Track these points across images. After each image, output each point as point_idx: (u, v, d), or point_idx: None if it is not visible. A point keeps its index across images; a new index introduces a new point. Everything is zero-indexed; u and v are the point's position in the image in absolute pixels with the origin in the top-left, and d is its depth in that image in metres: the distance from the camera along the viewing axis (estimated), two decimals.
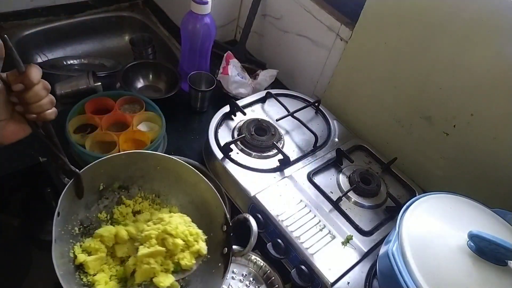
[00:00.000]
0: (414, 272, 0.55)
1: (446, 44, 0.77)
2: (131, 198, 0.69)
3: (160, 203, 0.72)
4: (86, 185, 0.60)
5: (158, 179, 0.70)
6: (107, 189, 0.66)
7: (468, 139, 0.80)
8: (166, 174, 0.69)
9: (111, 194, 0.67)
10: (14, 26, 1.16)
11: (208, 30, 0.99)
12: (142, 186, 0.70)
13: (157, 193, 0.71)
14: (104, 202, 0.67)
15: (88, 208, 0.64)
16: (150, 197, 0.71)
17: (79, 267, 0.60)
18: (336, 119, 1.03)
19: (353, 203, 0.83)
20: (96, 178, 0.63)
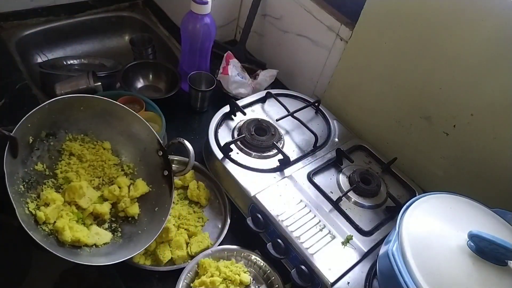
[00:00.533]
0: (414, 272, 0.55)
1: (446, 44, 0.77)
2: (60, 142, 0.72)
3: (89, 141, 0.76)
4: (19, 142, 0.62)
5: (83, 119, 0.73)
6: (36, 140, 0.68)
7: (468, 139, 0.80)
8: (91, 112, 0.73)
9: (40, 144, 0.69)
10: (14, 26, 1.16)
11: (208, 30, 0.99)
12: (68, 129, 0.73)
13: (84, 132, 0.75)
14: (36, 153, 0.69)
15: (25, 164, 0.66)
16: (78, 137, 0.74)
17: (37, 221, 0.63)
18: (336, 119, 1.03)
19: (353, 203, 0.83)
20: (24, 134, 0.64)
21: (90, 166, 0.75)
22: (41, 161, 0.69)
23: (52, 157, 0.71)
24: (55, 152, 0.72)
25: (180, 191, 0.85)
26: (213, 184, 0.88)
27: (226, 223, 0.81)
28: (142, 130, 0.75)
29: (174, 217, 0.78)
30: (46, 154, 0.70)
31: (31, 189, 0.66)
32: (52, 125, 0.70)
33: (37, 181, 0.67)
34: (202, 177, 0.89)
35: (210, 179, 0.89)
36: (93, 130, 0.75)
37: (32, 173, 0.67)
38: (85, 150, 0.75)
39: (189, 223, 0.78)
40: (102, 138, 0.76)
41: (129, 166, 0.78)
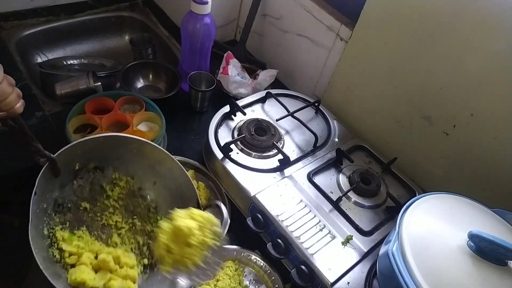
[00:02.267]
0: (414, 272, 0.55)
1: (446, 44, 0.77)
2: (105, 177, 0.70)
3: (133, 185, 0.73)
4: (62, 165, 0.61)
5: (134, 162, 0.71)
6: (82, 169, 0.67)
7: (468, 139, 0.80)
8: (141, 157, 0.70)
9: (85, 174, 0.68)
10: (14, 26, 1.16)
11: (208, 30, 0.99)
12: (117, 168, 0.71)
13: (131, 175, 0.72)
14: (79, 181, 0.68)
15: (63, 187, 0.65)
16: (124, 179, 0.72)
17: (51, 245, 0.62)
18: (336, 119, 1.03)
19: (353, 203, 0.83)
20: (72, 159, 0.64)
21: (127, 211, 0.72)
22: (81, 190, 0.68)
23: (92, 190, 0.69)
24: (97, 186, 0.70)
25: None
26: (213, 184, 0.88)
27: (226, 223, 0.81)
28: (185, 186, 0.71)
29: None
30: (87, 186, 0.68)
31: (59, 213, 0.64)
32: (103, 159, 0.69)
33: (68, 208, 0.66)
34: (202, 177, 0.89)
35: (210, 179, 0.89)
36: (139, 176, 0.73)
37: (66, 199, 0.66)
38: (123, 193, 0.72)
39: None
40: (146, 186, 0.73)
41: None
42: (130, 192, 0.73)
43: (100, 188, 0.70)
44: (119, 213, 0.72)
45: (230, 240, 0.79)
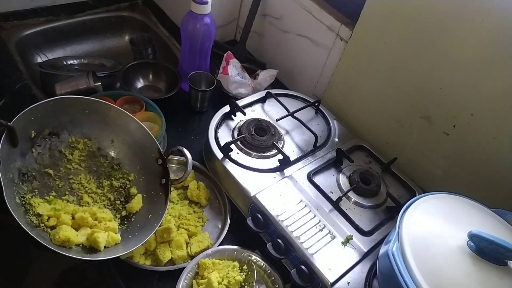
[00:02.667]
0: (414, 272, 0.55)
1: (446, 44, 0.77)
2: (62, 142, 0.72)
3: (92, 146, 0.75)
4: (19, 133, 0.62)
5: (87, 123, 0.73)
6: (38, 136, 0.68)
7: (468, 139, 0.80)
8: (95, 117, 0.72)
9: (42, 141, 0.69)
10: (14, 26, 1.16)
11: (208, 30, 0.99)
12: (72, 131, 0.72)
13: (88, 136, 0.74)
14: (37, 149, 0.69)
15: (23, 156, 0.67)
16: (81, 141, 0.74)
17: (27, 212, 0.64)
18: (336, 119, 1.03)
19: (353, 203, 0.83)
20: (27, 126, 0.65)
21: (91, 172, 0.75)
22: (41, 158, 0.69)
23: (52, 156, 0.71)
24: (56, 152, 0.72)
25: (180, 191, 0.85)
26: (213, 184, 0.88)
27: (226, 223, 0.81)
28: (143, 138, 0.75)
29: (174, 217, 0.78)
30: (47, 152, 0.70)
31: (26, 182, 0.66)
32: (56, 125, 0.70)
33: (33, 176, 0.67)
34: (202, 177, 0.89)
35: (210, 179, 0.89)
36: (96, 136, 0.75)
37: (29, 167, 0.67)
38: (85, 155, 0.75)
39: (189, 223, 0.78)
40: (105, 144, 0.76)
41: (128, 173, 0.78)
42: (90, 153, 0.75)
43: (59, 153, 0.72)
44: (84, 175, 0.74)
45: (230, 240, 0.79)
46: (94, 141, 0.75)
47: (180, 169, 0.89)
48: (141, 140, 0.75)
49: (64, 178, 0.72)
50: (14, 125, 0.60)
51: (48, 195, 0.69)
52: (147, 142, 0.74)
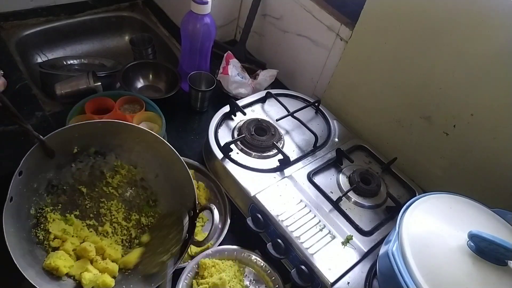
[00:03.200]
0: (414, 272, 0.55)
1: (446, 44, 0.77)
2: (107, 164, 0.69)
3: (136, 175, 0.72)
4: (58, 146, 0.61)
5: (136, 151, 0.70)
6: (82, 152, 0.67)
7: (468, 139, 0.80)
8: (145, 147, 0.69)
9: (85, 158, 0.68)
10: (14, 26, 1.16)
11: (208, 30, 0.99)
12: (120, 155, 0.70)
13: (134, 164, 0.71)
14: (78, 165, 0.67)
15: (60, 169, 0.65)
16: (126, 167, 0.71)
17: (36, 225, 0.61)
18: (336, 119, 1.03)
19: (353, 203, 0.83)
20: (68, 142, 0.64)
21: (125, 201, 0.72)
22: (79, 174, 0.67)
23: (92, 175, 0.68)
24: (97, 171, 0.69)
25: None
26: (213, 184, 0.88)
27: (226, 223, 0.81)
28: (184, 183, 0.69)
29: None
30: (87, 170, 0.68)
31: (52, 194, 0.64)
32: (104, 145, 0.68)
33: (63, 190, 0.65)
34: (202, 177, 0.89)
35: (210, 179, 0.89)
36: (142, 166, 0.72)
37: (62, 181, 0.65)
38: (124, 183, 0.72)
39: None
40: (149, 177, 0.72)
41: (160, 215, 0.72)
42: (132, 181, 0.71)
43: (100, 173, 0.69)
44: (116, 202, 0.70)
45: (230, 240, 0.79)
46: (139, 170, 0.72)
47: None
48: (182, 184, 0.69)
49: (95, 199, 0.69)
50: (49, 139, 0.59)
51: (70, 213, 0.66)
52: (186, 188, 0.69)
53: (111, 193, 0.71)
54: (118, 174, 0.71)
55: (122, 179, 0.71)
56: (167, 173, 0.71)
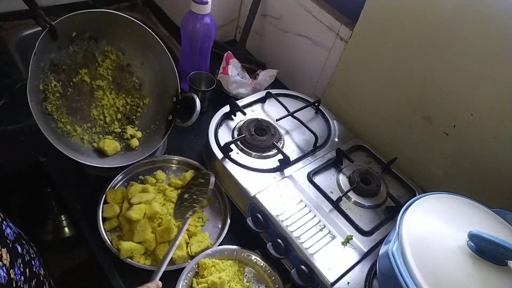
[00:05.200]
0: (414, 272, 0.55)
1: (446, 44, 0.77)
2: (98, 48, 0.79)
3: (123, 61, 0.82)
4: (61, 30, 0.69)
5: (126, 39, 0.80)
6: (78, 36, 0.75)
7: (468, 139, 0.80)
8: (135, 37, 0.79)
9: (81, 42, 0.76)
10: (14, 26, 1.16)
11: (208, 30, 0.99)
12: (110, 42, 0.80)
13: (122, 51, 0.82)
14: (74, 47, 0.76)
15: (60, 50, 0.74)
16: (115, 53, 0.81)
17: (45, 99, 0.72)
18: (336, 119, 1.03)
19: (353, 203, 0.83)
20: (70, 26, 0.72)
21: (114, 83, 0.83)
22: (75, 55, 0.76)
23: (85, 57, 0.78)
24: (90, 54, 0.78)
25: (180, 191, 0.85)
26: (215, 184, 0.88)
27: (226, 223, 0.81)
28: (168, 73, 0.82)
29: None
30: (81, 53, 0.77)
31: (54, 72, 0.74)
32: (98, 31, 0.77)
33: (62, 69, 0.75)
34: None
35: None
36: (130, 53, 0.82)
37: (62, 61, 0.75)
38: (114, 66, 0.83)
39: (189, 223, 0.78)
40: (134, 63, 0.83)
41: (145, 97, 0.85)
42: (120, 66, 0.82)
43: (92, 56, 0.79)
44: (107, 83, 0.81)
45: (230, 240, 0.79)
46: (126, 56, 0.82)
47: (180, 169, 0.89)
48: (166, 73, 0.82)
49: (89, 82, 0.79)
50: (57, 24, 0.68)
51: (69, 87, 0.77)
52: (170, 77, 0.82)
53: (103, 74, 0.81)
54: (108, 59, 0.81)
55: (111, 63, 0.81)
56: (152, 61, 0.83)
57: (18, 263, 0.60)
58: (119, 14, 0.75)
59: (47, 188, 1.13)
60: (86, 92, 0.78)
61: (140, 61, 0.83)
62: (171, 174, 0.88)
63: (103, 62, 0.80)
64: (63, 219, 1.30)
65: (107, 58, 0.81)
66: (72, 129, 0.77)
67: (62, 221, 1.31)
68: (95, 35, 0.78)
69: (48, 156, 0.86)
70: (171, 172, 0.88)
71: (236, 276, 0.73)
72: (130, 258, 0.71)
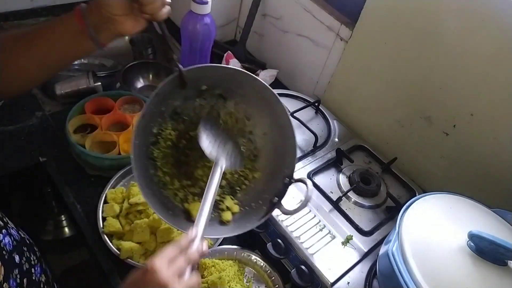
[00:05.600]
0: (414, 272, 0.55)
1: (446, 44, 0.77)
2: (225, 108, 0.72)
3: (246, 126, 0.73)
4: (191, 80, 0.65)
5: (254, 106, 0.71)
6: (208, 91, 0.69)
7: (468, 139, 0.80)
8: (264, 105, 0.71)
9: (209, 97, 0.70)
10: (14, 26, 1.16)
11: (208, 30, 0.99)
12: (239, 104, 0.72)
13: (248, 117, 0.73)
14: (201, 101, 0.70)
15: (186, 100, 0.69)
16: (241, 117, 0.72)
17: (155, 143, 0.66)
18: (336, 119, 1.03)
19: (353, 203, 0.83)
20: (201, 79, 0.67)
21: None
22: (200, 109, 0.70)
23: (210, 113, 0.71)
24: (215, 112, 0.72)
25: None
26: None
27: None
28: (289, 152, 0.70)
29: None
30: (207, 108, 0.71)
31: (174, 120, 0.68)
32: (229, 90, 0.70)
33: (183, 120, 0.69)
34: None
35: None
36: (255, 121, 0.73)
37: (185, 111, 0.69)
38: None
39: None
40: (257, 131, 0.74)
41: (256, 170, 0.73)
42: (241, 131, 0.73)
43: (217, 115, 0.72)
44: None
45: (230, 240, 0.79)
46: (251, 123, 0.73)
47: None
48: (285, 151, 0.70)
49: None
50: (187, 72, 0.63)
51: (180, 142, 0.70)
52: (288, 157, 0.70)
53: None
54: (231, 120, 0.73)
55: (234, 125, 0.73)
56: (275, 135, 0.72)
57: (15, 274, 0.58)
58: (253, 77, 0.68)
59: (47, 188, 1.13)
60: (199, 148, 0.68)
61: (263, 131, 0.73)
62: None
63: (226, 123, 0.72)
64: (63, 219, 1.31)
65: (231, 120, 0.73)
66: (170, 181, 0.68)
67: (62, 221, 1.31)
68: (225, 93, 0.70)
69: (48, 156, 0.86)
70: None
71: (236, 276, 0.73)
72: (130, 258, 0.71)
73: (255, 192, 0.72)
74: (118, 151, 0.86)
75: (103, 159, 0.83)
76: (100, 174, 0.85)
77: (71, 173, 0.85)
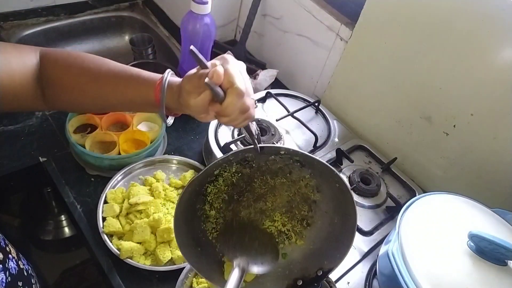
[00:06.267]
0: (414, 272, 0.55)
1: (446, 44, 0.77)
2: (298, 172, 0.68)
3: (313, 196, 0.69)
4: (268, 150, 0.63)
5: (328, 188, 0.67)
6: (287, 155, 0.66)
7: (468, 139, 0.80)
8: (335, 190, 0.66)
9: (287, 159, 0.67)
10: (14, 26, 1.16)
11: (208, 30, 0.99)
12: (314, 176, 0.68)
13: (319, 190, 0.69)
14: (277, 158, 0.67)
15: (260, 154, 0.65)
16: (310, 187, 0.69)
17: (212, 182, 0.64)
18: (336, 119, 1.03)
19: None
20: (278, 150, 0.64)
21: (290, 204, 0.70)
22: (272, 163, 0.67)
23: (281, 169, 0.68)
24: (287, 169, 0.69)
25: (180, 191, 0.85)
26: None
27: None
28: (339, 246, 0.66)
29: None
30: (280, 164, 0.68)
31: (240, 165, 0.66)
32: (308, 164, 0.67)
33: (251, 166, 0.66)
34: None
35: None
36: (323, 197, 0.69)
37: (255, 161, 0.66)
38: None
39: None
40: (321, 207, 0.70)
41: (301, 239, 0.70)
42: (306, 196, 0.70)
43: (288, 173, 0.68)
44: (281, 200, 0.70)
45: None
46: (318, 195, 0.69)
47: (180, 169, 0.89)
48: (337, 242, 0.66)
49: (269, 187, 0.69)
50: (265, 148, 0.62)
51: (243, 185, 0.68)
52: (336, 249, 0.65)
53: (286, 195, 0.70)
54: (300, 183, 0.69)
55: (302, 190, 0.69)
56: (336, 220, 0.68)
57: None
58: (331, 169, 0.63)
59: (47, 188, 1.13)
60: (256, 195, 0.68)
61: (326, 210, 0.69)
62: (171, 174, 0.88)
63: (293, 183, 0.69)
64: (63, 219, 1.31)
65: (300, 182, 0.69)
66: (213, 216, 0.66)
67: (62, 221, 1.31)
68: (304, 162, 0.67)
69: (48, 156, 0.86)
70: (171, 172, 0.88)
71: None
72: (130, 258, 0.71)
73: (288, 259, 0.68)
74: (118, 151, 0.86)
75: (103, 159, 0.83)
76: (100, 174, 0.85)
77: (71, 173, 0.85)
